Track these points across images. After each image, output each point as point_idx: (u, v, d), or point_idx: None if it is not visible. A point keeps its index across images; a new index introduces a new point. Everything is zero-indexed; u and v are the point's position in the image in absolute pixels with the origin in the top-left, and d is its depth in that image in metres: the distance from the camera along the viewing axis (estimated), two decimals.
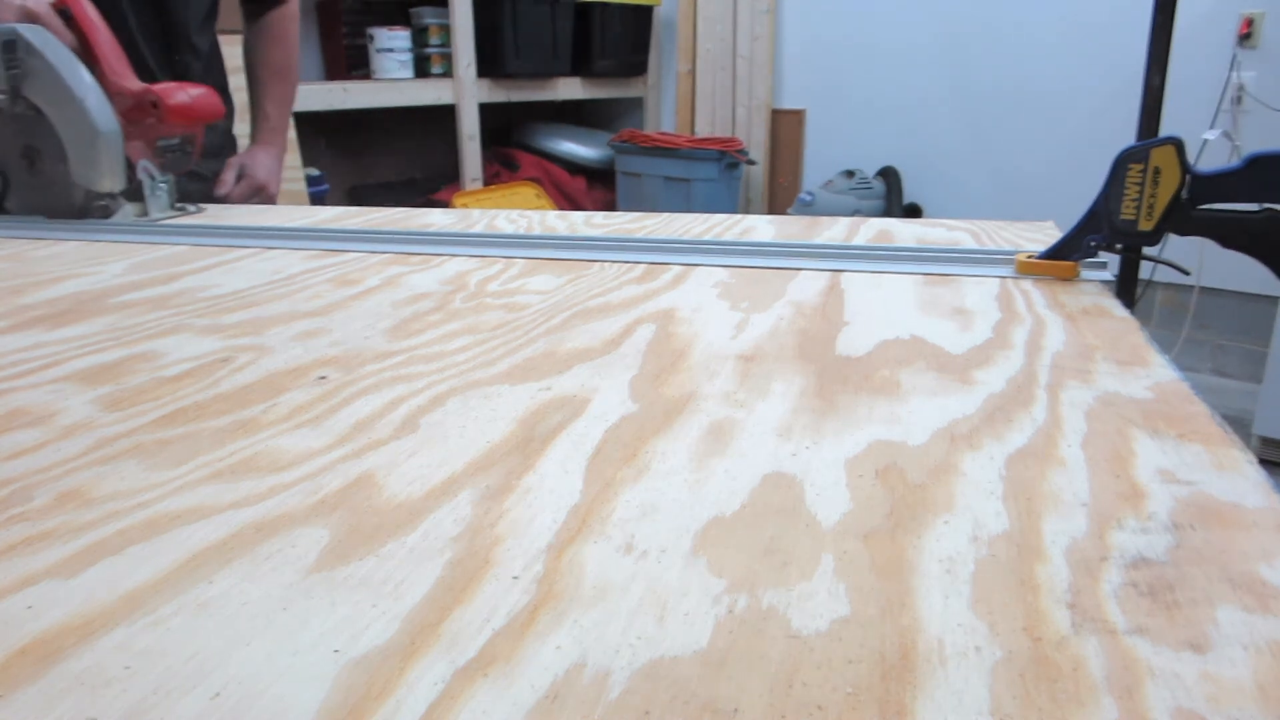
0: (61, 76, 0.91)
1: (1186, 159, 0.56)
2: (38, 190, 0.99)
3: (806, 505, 0.32)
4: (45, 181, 0.98)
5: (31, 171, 0.98)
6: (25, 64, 0.92)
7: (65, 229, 0.92)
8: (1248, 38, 2.59)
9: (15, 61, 0.92)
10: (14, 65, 0.92)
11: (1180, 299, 2.74)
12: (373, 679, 0.23)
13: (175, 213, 1.01)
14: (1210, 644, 0.24)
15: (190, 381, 0.45)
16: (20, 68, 0.92)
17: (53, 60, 0.91)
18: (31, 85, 0.93)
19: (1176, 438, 0.36)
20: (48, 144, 0.96)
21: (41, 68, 0.91)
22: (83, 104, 0.92)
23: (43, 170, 0.97)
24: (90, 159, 0.93)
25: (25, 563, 0.29)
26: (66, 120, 0.93)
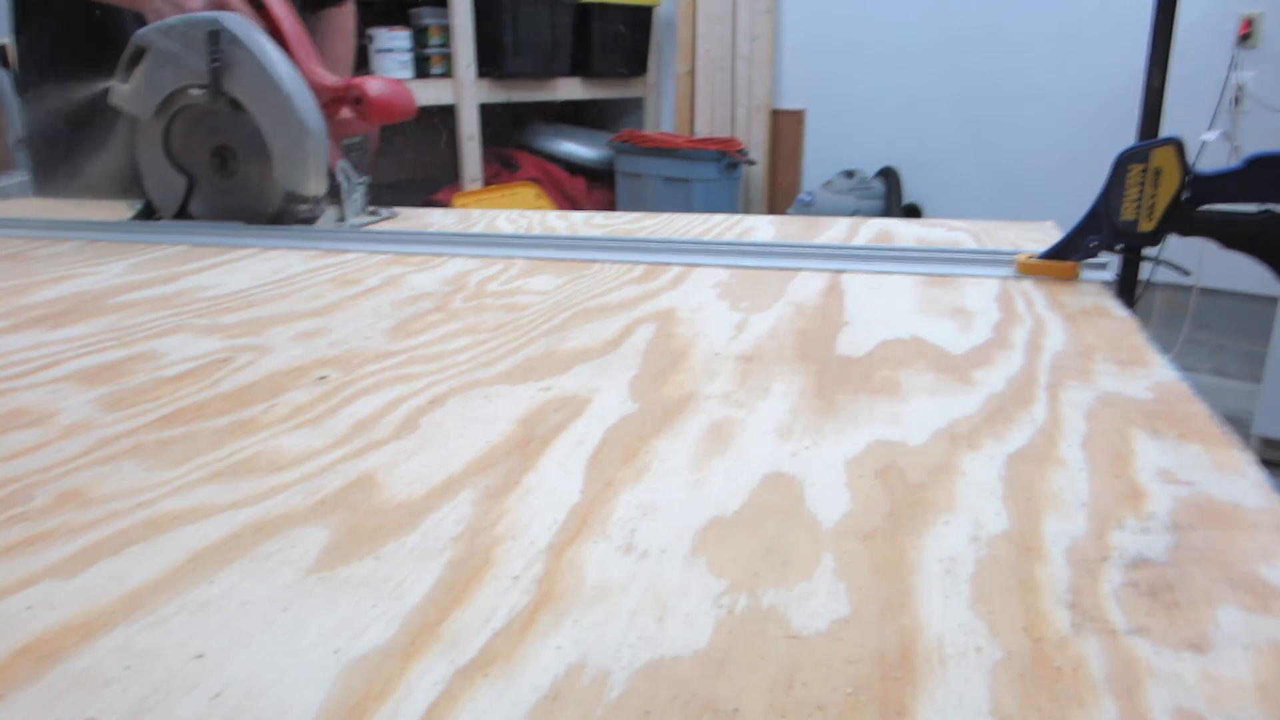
0: (268, 70, 0.84)
1: (1187, 159, 0.56)
2: (229, 193, 0.91)
3: (807, 505, 0.32)
4: (238, 184, 0.90)
5: (223, 173, 0.91)
6: (228, 56, 0.84)
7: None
8: (1247, 38, 2.59)
9: (218, 53, 0.84)
10: (216, 58, 0.84)
11: (1180, 299, 2.74)
12: (373, 679, 0.23)
13: (371, 217, 0.94)
14: (1210, 644, 0.24)
15: (190, 381, 0.45)
16: (222, 60, 0.84)
17: (257, 52, 0.84)
18: (233, 79, 0.85)
19: (1177, 438, 0.36)
20: (245, 143, 0.89)
21: (246, 60, 0.84)
22: (291, 100, 0.84)
23: (236, 172, 0.90)
24: (297, 159, 0.86)
25: (25, 563, 0.29)
26: (272, 117, 0.85)
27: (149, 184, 0.93)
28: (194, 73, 0.85)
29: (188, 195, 0.92)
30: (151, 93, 0.88)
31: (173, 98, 0.88)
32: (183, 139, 0.91)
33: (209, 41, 0.84)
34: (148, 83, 0.88)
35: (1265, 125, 2.53)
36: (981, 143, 3.07)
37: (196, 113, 0.89)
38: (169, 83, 0.87)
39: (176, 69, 0.86)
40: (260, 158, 0.87)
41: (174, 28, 0.86)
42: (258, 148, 0.87)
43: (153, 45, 0.87)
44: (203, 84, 0.86)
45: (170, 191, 0.92)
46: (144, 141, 0.91)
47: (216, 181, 0.92)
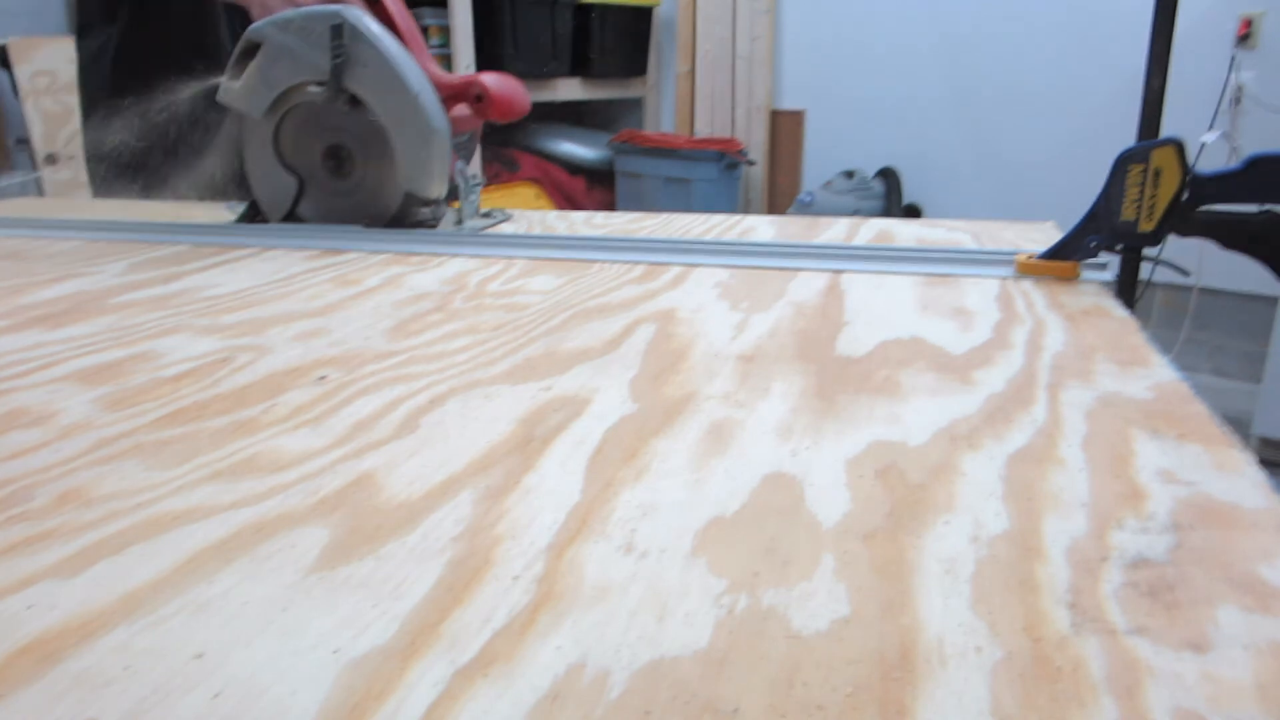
0: (394, 66, 0.79)
1: (1187, 160, 0.56)
2: (342, 195, 0.86)
3: (807, 505, 0.32)
4: (352, 185, 0.86)
5: (338, 174, 0.86)
6: (350, 51, 0.79)
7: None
8: (1246, 38, 2.59)
9: (340, 49, 0.79)
10: (339, 53, 0.79)
11: (1180, 299, 2.74)
12: (373, 679, 0.23)
13: (487, 220, 0.90)
14: (1210, 644, 0.24)
15: (190, 381, 0.45)
16: (343, 55, 0.79)
17: (382, 48, 0.79)
18: (356, 75, 0.80)
19: (1177, 438, 0.36)
20: (363, 143, 0.84)
21: (370, 56, 0.79)
22: (418, 98, 0.79)
23: (351, 173, 0.85)
24: (423, 161, 0.81)
25: (25, 563, 0.29)
26: (397, 116, 0.80)
27: (256, 185, 0.88)
28: (312, 69, 0.81)
29: (297, 197, 0.88)
30: (264, 90, 0.83)
31: (286, 95, 0.83)
32: (293, 138, 0.87)
33: (332, 36, 0.79)
34: (261, 79, 0.83)
35: (1265, 126, 2.53)
36: (981, 143, 3.08)
37: (310, 111, 0.84)
38: (284, 79, 0.83)
39: (293, 65, 0.82)
40: (379, 158, 0.83)
41: (291, 21, 0.81)
42: (377, 147, 0.83)
43: (267, 40, 0.82)
44: (321, 80, 0.81)
45: (280, 193, 0.88)
46: (252, 141, 0.87)
47: (329, 183, 0.87)
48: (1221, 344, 2.77)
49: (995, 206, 3.06)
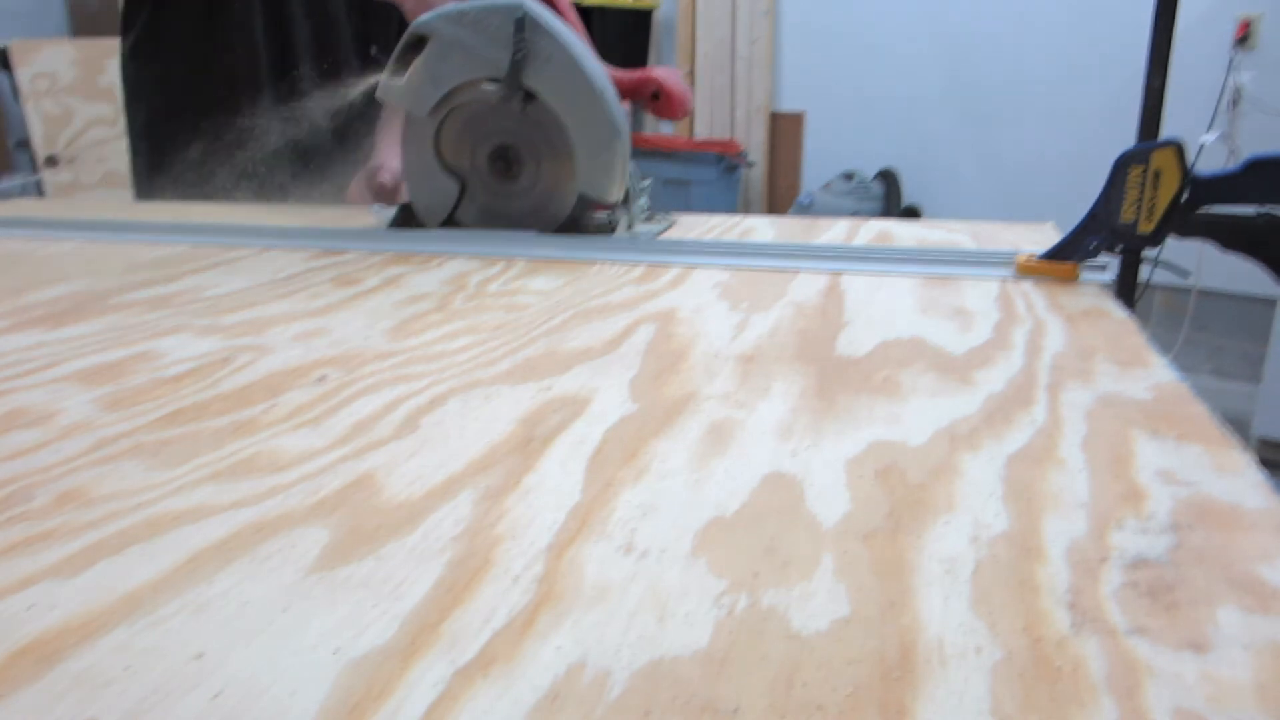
0: (579, 63, 0.74)
1: (1187, 161, 0.57)
2: (507, 199, 0.82)
3: (806, 505, 0.32)
4: (520, 189, 0.81)
5: (504, 177, 0.81)
6: (532, 46, 0.74)
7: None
8: (1245, 40, 2.60)
9: (521, 42, 0.74)
10: (520, 48, 0.74)
11: (1179, 300, 2.75)
12: (373, 679, 0.23)
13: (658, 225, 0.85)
14: (1210, 644, 0.24)
15: (190, 381, 0.45)
16: (524, 51, 0.74)
17: (566, 42, 0.74)
18: (536, 72, 0.75)
19: (1176, 439, 0.36)
20: (535, 144, 0.79)
21: (553, 51, 0.74)
22: (602, 97, 0.74)
23: (520, 175, 0.81)
24: (604, 163, 0.76)
25: (25, 563, 0.29)
26: (579, 116, 0.76)
27: (414, 189, 0.84)
28: (488, 64, 0.76)
29: (457, 202, 0.83)
30: (432, 87, 0.78)
31: (455, 93, 0.78)
32: (456, 139, 0.81)
33: (515, 30, 0.74)
34: (428, 76, 0.78)
35: (1263, 127, 2.53)
36: (980, 144, 3.08)
37: (477, 110, 0.79)
38: (455, 76, 0.77)
39: (466, 60, 0.76)
40: (552, 160, 0.79)
41: (465, 14, 0.76)
42: (551, 149, 0.78)
43: (438, 34, 0.77)
44: (496, 77, 0.76)
45: (439, 197, 0.83)
46: (411, 142, 0.82)
47: (493, 186, 0.82)
48: (1221, 345, 2.77)
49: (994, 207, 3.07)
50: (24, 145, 2.55)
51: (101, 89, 1.99)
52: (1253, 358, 2.64)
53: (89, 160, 2.01)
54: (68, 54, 1.99)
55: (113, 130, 2.00)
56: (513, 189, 0.82)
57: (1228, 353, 2.77)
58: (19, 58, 1.95)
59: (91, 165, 2.01)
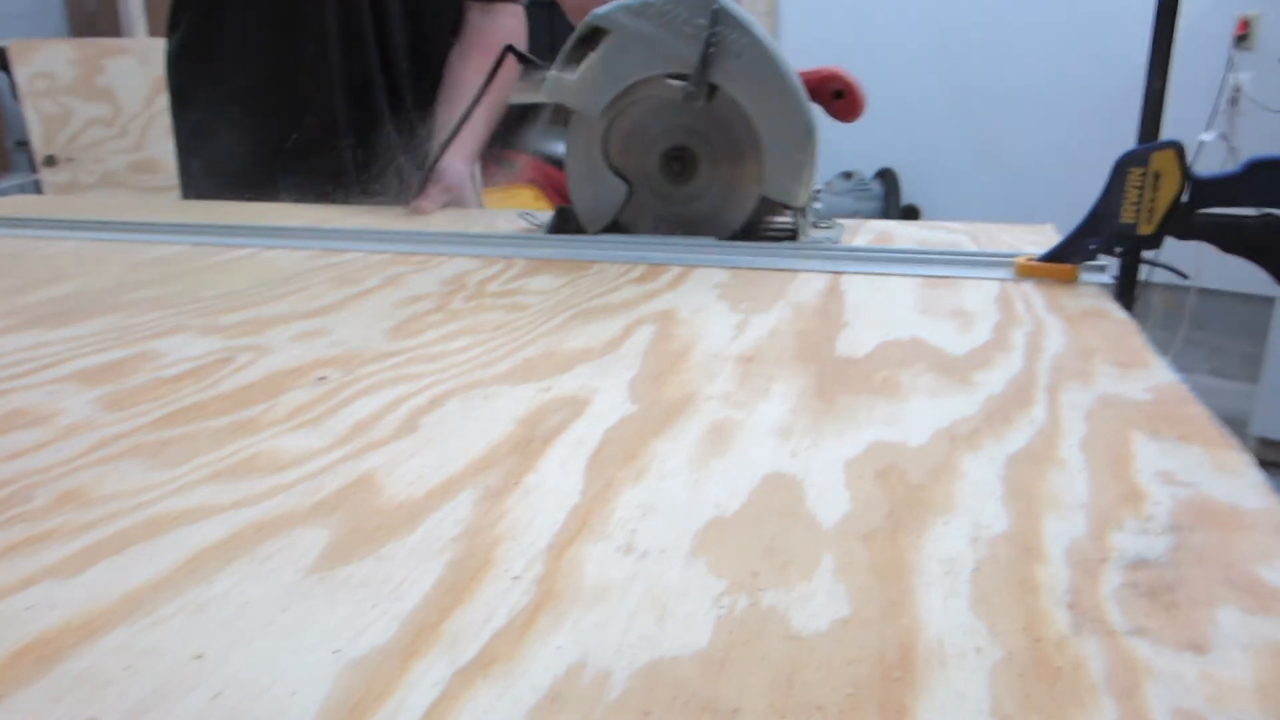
0: (775, 59, 0.70)
1: (1187, 163, 0.57)
2: (679, 203, 0.77)
3: (806, 506, 0.32)
4: (693, 192, 0.77)
5: (678, 180, 0.77)
6: (724, 41, 0.70)
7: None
8: (1244, 39, 2.60)
9: (715, 37, 0.70)
10: (713, 42, 0.70)
11: (1177, 300, 2.75)
12: (373, 679, 0.23)
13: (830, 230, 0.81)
14: (1210, 645, 0.24)
15: (190, 381, 0.45)
16: (716, 45, 0.70)
17: (760, 37, 0.70)
18: (727, 68, 0.70)
19: (1176, 439, 0.36)
20: (715, 144, 0.75)
21: (746, 46, 0.70)
22: (797, 94, 0.70)
23: (694, 178, 0.76)
24: (794, 165, 0.72)
25: (25, 563, 0.29)
26: (771, 115, 0.71)
27: (577, 192, 0.79)
28: (672, 59, 0.72)
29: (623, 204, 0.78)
30: (608, 84, 0.74)
31: (631, 89, 0.74)
32: (625, 139, 0.77)
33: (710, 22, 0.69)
34: (604, 72, 0.73)
35: (1262, 126, 2.53)
36: (980, 144, 3.08)
37: (652, 108, 0.75)
38: (634, 72, 0.73)
39: (647, 55, 0.72)
40: (732, 161, 0.75)
41: (650, 6, 0.71)
42: (731, 149, 0.74)
43: (617, 27, 0.72)
44: (681, 73, 0.71)
45: (604, 201, 0.78)
46: (576, 142, 0.78)
47: (664, 189, 0.77)
48: (1219, 345, 2.77)
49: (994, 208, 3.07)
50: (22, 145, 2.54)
51: (100, 89, 1.99)
52: (1251, 358, 2.65)
53: (87, 160, 2.01)
54: (66, 54, 1.98)
55: (110, 130, 2.00)
56: (685, 192, 0.77)
57: (1226, 352, 2.77)
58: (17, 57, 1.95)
59: (90, 165, 2.01)
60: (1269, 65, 2.56)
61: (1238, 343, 2.75)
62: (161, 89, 1.99)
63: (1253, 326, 2.63)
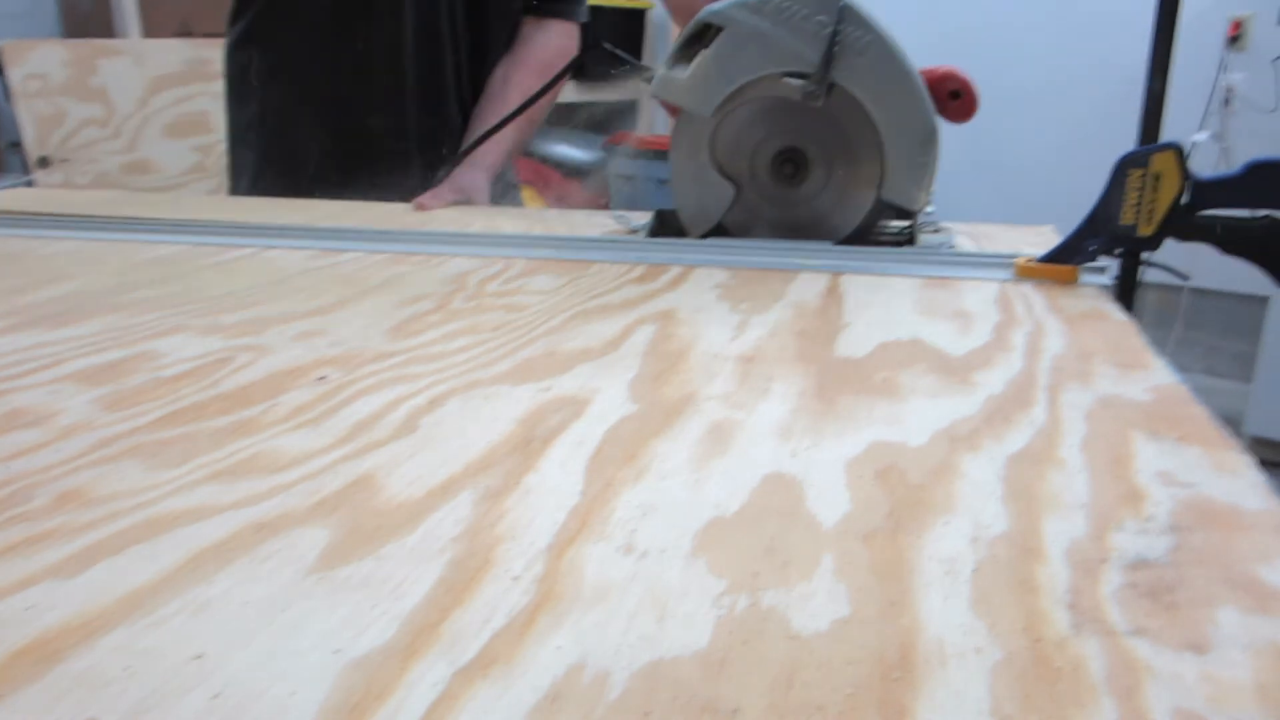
0: (898, 57, 0.68)
1: (1187, 165, 0.57)
2: (787, 206, 0.75)
3: (806, 506, 0.32)
4: (803, 195, 0.74)
5: (788, 183, 0.74)
6: (848, 40, 0.68)
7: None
8: (1236, 40, 2.60)
9: (838, 35, 0.68)
10: (836, 39, 0.68)
11: (1171, 300, 2.75)
12: (373, 679, 0.23)
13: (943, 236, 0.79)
14: (1210, 645, 0.24)
15: (190, 382, 0.45)
16: (839, 44, 0.68)
17: (884, 34, 0.68)
18: (849, 67, 0.68)
19: (1176, 440, 0.36)
20: (829, 146, 0.73)
21: (869, 44, 0.68)
22: (921, 95, 0.69)
23: (805, 180, 0.74)
24: (916, 168, 0.71)
25: (25, 563, 0.29)
26: (894, 115, 0.70)
27: (682, 194, 0.77)
28: (790, 57, 0.70)
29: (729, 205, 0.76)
30: (721, 83, 0.72)
31: (744, 89, 0.72)
32: (733, 140, 0.75)
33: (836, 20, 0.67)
34: (718, 70, 0.71)
35: (1255, 127, 2.53)
36: (978, 145, 3.08)
37: (765, 107, 0.73)
38: (749, 70, 0.71)
39: (763, 53, 0.70)
40: (847, 163, 0.73)
41: (767, 2, 0.69)
42: (847, 151, 0.72)
43: (732, 24, 0.70)
44: (800, 72, 0.69)
45: (711, 203, 0.76)
46: (684, 142, 0.76)
47: (772, 191, 0.75)
48: (1213, 344, 2.77)
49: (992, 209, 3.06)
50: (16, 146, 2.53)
51: (94, 90, 1.98)
52: (1245, 357, 2.65)
53: (81, 161, 2.00)
54: (60, 55, 1.97)
55: (104, 131, 1.99)
56: (795, 195, 0.75)
57: (1220, 352, 2.77)
58: (10, 58, 1.94)
59: (84, 166, 2.00)
60: (1261, 66, 2.56)
61: (1231, 342, 2.75)
62: (157, 90, 1.97)
63: (1246, 326, 2.63)
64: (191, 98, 1.96)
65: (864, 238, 0.75)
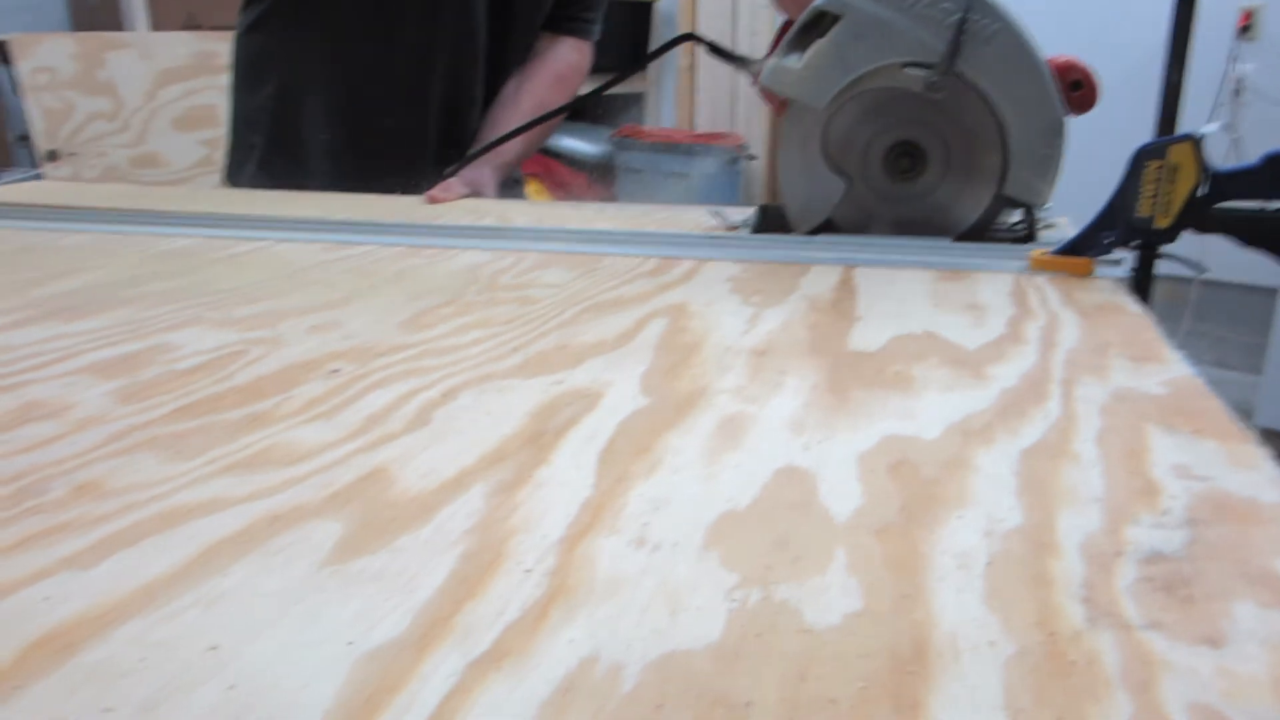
0: (1028, 46, 0.66)
1: (1204, 156, 0.56)
2: (903, 202, 0.73)
3: (819, 499, 0.32)
4: (918, 191, 0.72)
5: (903, 177, 0.72)
6: (977, 30, 0.66)
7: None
8: (1247, 30, 2.58)
9: (965, 23, 0.66)
10: (964, 27, 0.66)
11: (1181, 292, 2.73)
12: (386, 672, 0.23)
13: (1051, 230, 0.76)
14: (1226, 639, 0.24)
15: (204, 374, 0.45)
16: (966, 34, 0.66)
17: (1014, 22, 0.66)
18: (976, 56, 0.66)
19: (1192, 433, 0.36)
20: (947, 139, 0.70)
21: (998, 32, 0.66)
22: (1049, 85, 0.66)
23: (921, 175, 0.72)
24: (1042, 162, 0.68)
25: (42, 555, 0.29)
26: (1020, 107, 0.67)
27: (789, 189, 0.74)
28: (913, 46, 0.67)
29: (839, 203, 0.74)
30: (837, 72, 0.69)
31: (861, 79, 0.70)
32: (845, 133, 0.73)
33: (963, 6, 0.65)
34: (836, 59, 0.69)
35: (1265, 117, 2.51)
36: None
37: (881, 99, 0.70)
38: (868, 59, 0.68)
39: (884, 42, 0.68)
40: (967, 157, 0.70)
41: None
42: (968, 144, 0.70)
43: (850, 11, 0.68)
44: (922, 61, 0.67)
45: (819, 199, 0.74)
46: (793, 135, 0.73)
47: (884, 187, 0.73)
48: (1222, 336, 2.75)
49: None
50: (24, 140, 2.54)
51: (101, 83, 1.98)
52: (1254, 349, 2.63)
53: (89, 155, 2.00)
54: (68, 48, 1.97)
55: (112, 125, 1.99)
56: (910, 190, 0.73)
57: (1229, 343, 2.75)
58: (19, 51, 1.94)
59: (92, 160, 2.00)
60: (1272, 56, 2.54)
61: (1241, 334, 2.73)
62: (164, 83, 1.96)
63: (1256, 317, 2.61)
64: (199, 91, 1.95)
65: (981, 234, 0.73)
